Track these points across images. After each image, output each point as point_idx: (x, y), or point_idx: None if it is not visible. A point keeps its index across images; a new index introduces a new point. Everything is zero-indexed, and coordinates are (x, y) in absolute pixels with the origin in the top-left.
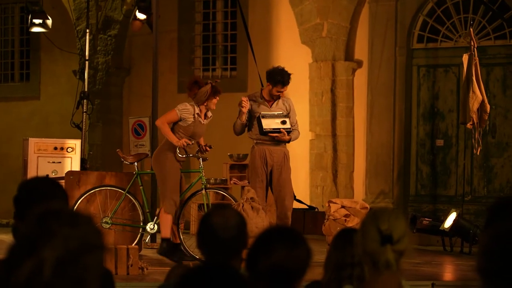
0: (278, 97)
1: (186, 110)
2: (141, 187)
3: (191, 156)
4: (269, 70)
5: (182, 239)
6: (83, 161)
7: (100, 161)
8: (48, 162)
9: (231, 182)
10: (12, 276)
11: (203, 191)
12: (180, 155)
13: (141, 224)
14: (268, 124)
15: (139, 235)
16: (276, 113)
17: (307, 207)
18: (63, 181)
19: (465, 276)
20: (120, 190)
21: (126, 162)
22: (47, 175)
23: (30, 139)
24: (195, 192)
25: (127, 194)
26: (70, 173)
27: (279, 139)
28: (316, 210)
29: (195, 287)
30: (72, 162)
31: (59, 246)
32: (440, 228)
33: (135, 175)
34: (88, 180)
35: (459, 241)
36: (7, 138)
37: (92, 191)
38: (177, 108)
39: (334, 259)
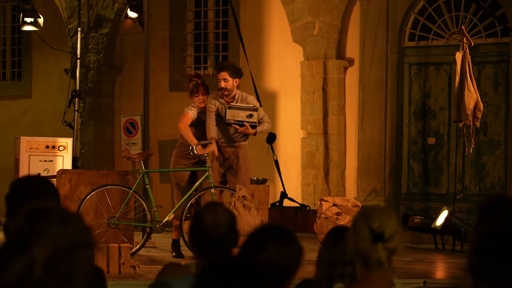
0: (234, 94)
1: (191, 109)
2: (147, 186)
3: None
4: None
5: (184, 236)
6: (74, 160)
7: (92, 159)
8: (40, 160)
9: None
10: (2, 275)
11: (212, 190)
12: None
13: (148, 223)
14: (233, 115)
15: (146, 234)
16: (244, 105)
17: (298, 205)
18: (54, 179)
19: (457, 274)
20: (126, 189)
21: (133, 161)
22: (39, 174)
23: (21, 137)
24: (200, 190)
25: (133, 193)
26: (62, 171)
27: (241, 131)
28: (308, 208)
29: (216, 280)
30: (64, 161)
31: (49, 244)
32: (431, 226)
33: (141, 174)
34: (80, 179)
35: (451, 239)
36: None
37: (97, 190)
38: (188, 110)
39: (325, 258)
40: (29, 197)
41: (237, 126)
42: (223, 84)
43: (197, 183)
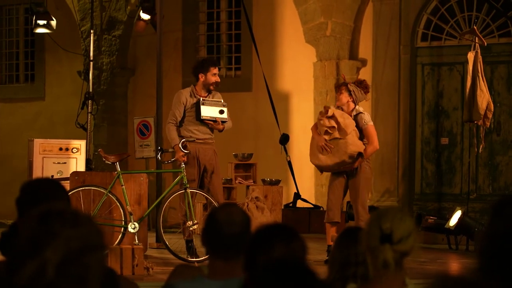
0: (210, 91)
1: None
2: (122, 187)
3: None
4: (194, 66)
5: (164, 239)
6: (88, 162)
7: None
8: (53, 163)
9: (236, 181)
10: (14, 277)
11: (187, 190)
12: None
13: (123, 223)
14: (207, 112)
15: (120, 235)
16: (215, 100)
17: (312, 206)
18: (68, 182)
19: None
20: (102, 190)
21: (108, 162)
22: (52, 176)
23: (35, 140)
24: (173, 192)
25: (108, 194)
26: (75, 173)
27: (213, 126)
28: (321, 209)
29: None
30: (77, 163)
31: (62, 247)
32: (445, 227)
33: (116, 175)
34: (93, 181)
35: (465, 240)
36: (12, 139)
37: (74, 191)
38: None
39: (338, 258)
40: (40, 200)
41: (210, 122)
42: (218, 78)
43: (171, 185)
